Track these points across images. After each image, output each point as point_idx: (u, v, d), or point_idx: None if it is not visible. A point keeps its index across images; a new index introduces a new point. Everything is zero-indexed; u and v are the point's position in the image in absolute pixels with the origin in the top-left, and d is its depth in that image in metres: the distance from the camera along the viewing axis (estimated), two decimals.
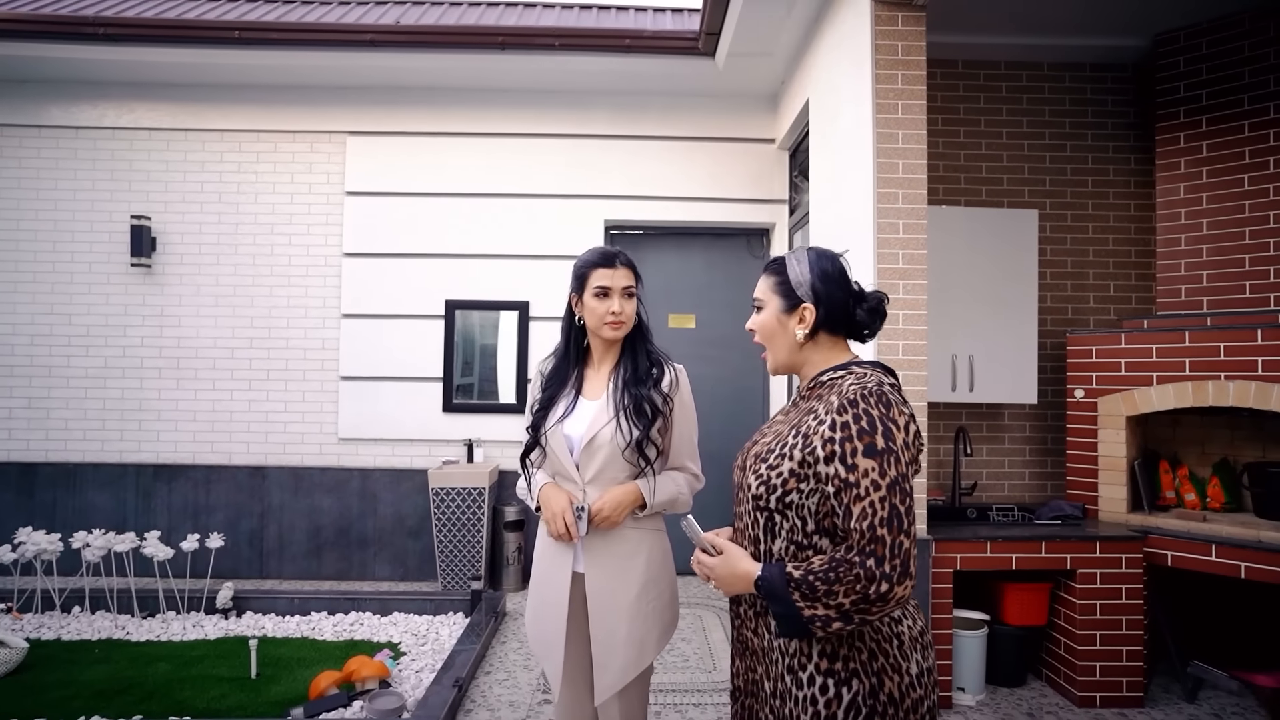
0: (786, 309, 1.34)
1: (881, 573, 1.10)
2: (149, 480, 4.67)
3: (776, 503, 1.24)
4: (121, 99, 4.77)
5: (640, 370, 1.79)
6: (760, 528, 1.27)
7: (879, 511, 1.13)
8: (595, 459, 1.73)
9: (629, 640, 1.73)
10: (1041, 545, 2.92)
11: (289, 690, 3.00)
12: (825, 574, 1.14)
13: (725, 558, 1.29)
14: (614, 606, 1.73)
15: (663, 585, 1.81)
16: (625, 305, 1.78)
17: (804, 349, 1.34)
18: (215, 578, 4.10)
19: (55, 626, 3.71)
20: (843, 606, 1.12)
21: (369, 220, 4.78)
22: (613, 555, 1.75)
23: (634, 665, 1.73)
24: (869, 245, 2.91)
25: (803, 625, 1.15)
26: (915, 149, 2.89)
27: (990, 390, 3.49)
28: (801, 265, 1.33)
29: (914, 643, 1.24)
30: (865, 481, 1.14)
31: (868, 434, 1.16)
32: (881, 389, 1.21)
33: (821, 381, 1.31)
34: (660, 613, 1.79)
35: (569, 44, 4.32)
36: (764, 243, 5.00)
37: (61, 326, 4.74)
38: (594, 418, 1.75)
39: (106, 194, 4.77)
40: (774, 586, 1.18)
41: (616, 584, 1.74)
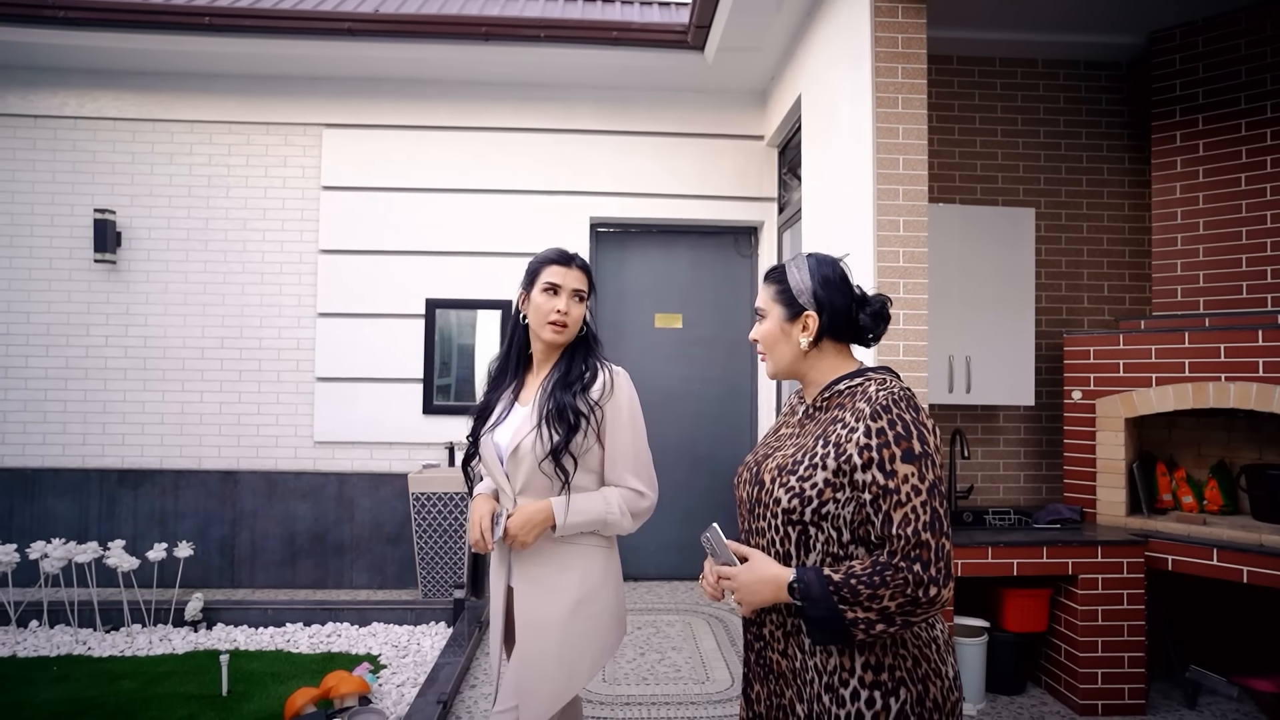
0: (789, 317, 1.32)
1: (929, 576, 1.11)
2: (113, 486, 4.46)
3: (812, 515, 1.20)
4: (84, 87, 4.56)
5: (571, 375, 1.68)
6: (792, 542, 1.23)
7: (921, 516, 1.13)
8: (521, 469, 1.63)
9: (558, 664, 1.60)
10: (1043, 550, 2.87)
11: (263, 708, 2.85)
12: (869, 578, 1.12)
13: (751, 565, 1.24)
14: (541, 626, 1.61)
15: (600, 603, 1.67)
16: (573, 308, 1.68)
17: (808, 357, 1.32)
18: (184, 588, 3.92)
19: (10, 642, 3.51)
20: (887, 610, 1.12)
21: (346, 216, 4.61)
22: (542, 569, 1.63)
23: (561, 694, 1.60)
24: (868, 243, 2.83)
25: (843, 629, 1.13)
26: (916, 144, 2.82)
27: (987, 392, 3.43)
28: (802, 272, 1.32)
29: (947, 645, 1.25)
30: (906, 487, 1.14)
31: (904, 439, 1.16)
32: (908, 394, 1.21)
33: (839, 390, 1.28)
34: (596, 634, 1.65)
35: (554, 35, 4.19)
36: (752, 241, 4.92)
37: (19, 325, 4.50)
38: (520, 425, 1.65)
39: (68, 186, 4.54)
40: (811, 589, 1.15)
41: (544, 601, 1.62)
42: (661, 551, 4.74)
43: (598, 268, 4.79)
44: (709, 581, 1.29)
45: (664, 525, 4.73)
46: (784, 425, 1.40)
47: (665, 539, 4.74)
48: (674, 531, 4.71)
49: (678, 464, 4.75)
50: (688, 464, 4.78)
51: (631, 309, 4.84)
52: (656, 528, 4.78)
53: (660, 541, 4.75)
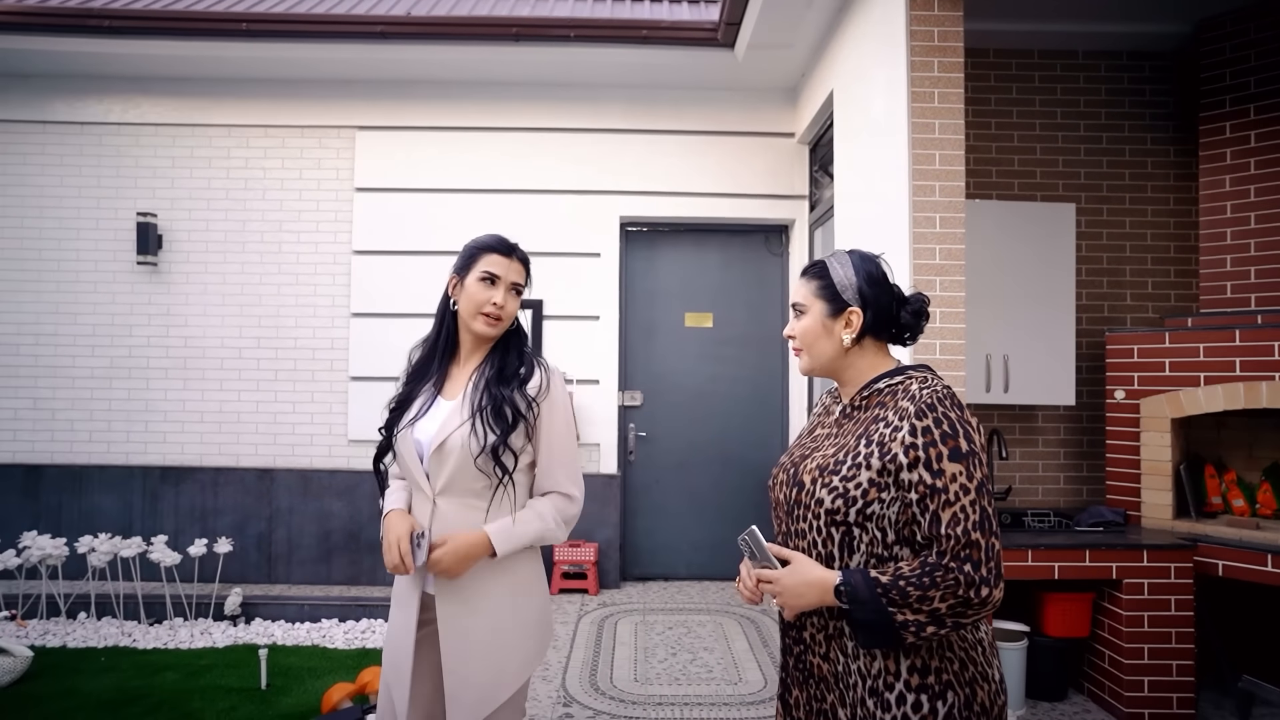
0: (832, 313, 1.29)
1: (980, 577, 1.10)
2: (155, 483, 4.58)
3: (857, 515, 1.17)
4: (127, 93, 4.68)
5: (507, 369, 1.60)
6: (835, 544, 1.20)
7: (971, 515, 1.11)
8: (445, 466, 1.53)
9: (485, 669, 1.54)
10: (1085, 554, 2.79)
11: (300, 702, 2.90)
12: (918, 579, 1.11)
13: (794, 567, 1.22)
14: (467, 632, 1.54)
15: (529, 607, 1.61)
16: (509, 302, 1.61)
17: (848, 354, 1.30)
18: (223, 582, 4.00)
19: (60, 633, 3.62)
20: (938, 612, 1.10)
21: (379, 217, 4.67)
22: (468, 579, 1.54)
23: (490, 699, 1.54)
24: (904, 241, 2.78)
25: (892, 632, 1.11)
26: (953, 139, 2.77)
27: (1026, 391, 3.36)
28: (845, 268, 1.30)
29: (992, 647, 1.24)
30: (954, 486, 1.12)
31: (951, 438, 1.14)
32: (951, 392, 1.20)
33: (878, 389, 1.26)
34: (524, 639, 1.59)
35: (584, 35, 4.20)
36: (783, 240, 4.88)
37: (67, 326, 4.64)
38: (446, 419, 1.55)
39: (112, 191, 4.67)
40: (859, 591, 1.13)
41: (471, 607, 1.55)
42: (692, 551, 4.73)
43: (627, 267, 4.79)
44: (747, 584, 1.27)
45: (694, 525, 4.73)
46: (819, 425, 1.37)
47: (695, 539, 4.72)
48: (704, 531, 4.69)
49: (708, 464, 4.73)
50: (718, 464, 4.75)
51: (662, 308, 4.83)
52: (687, 527, 4.79)
53: (690, 541, 4.74)
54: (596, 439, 4.62)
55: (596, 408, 4.63)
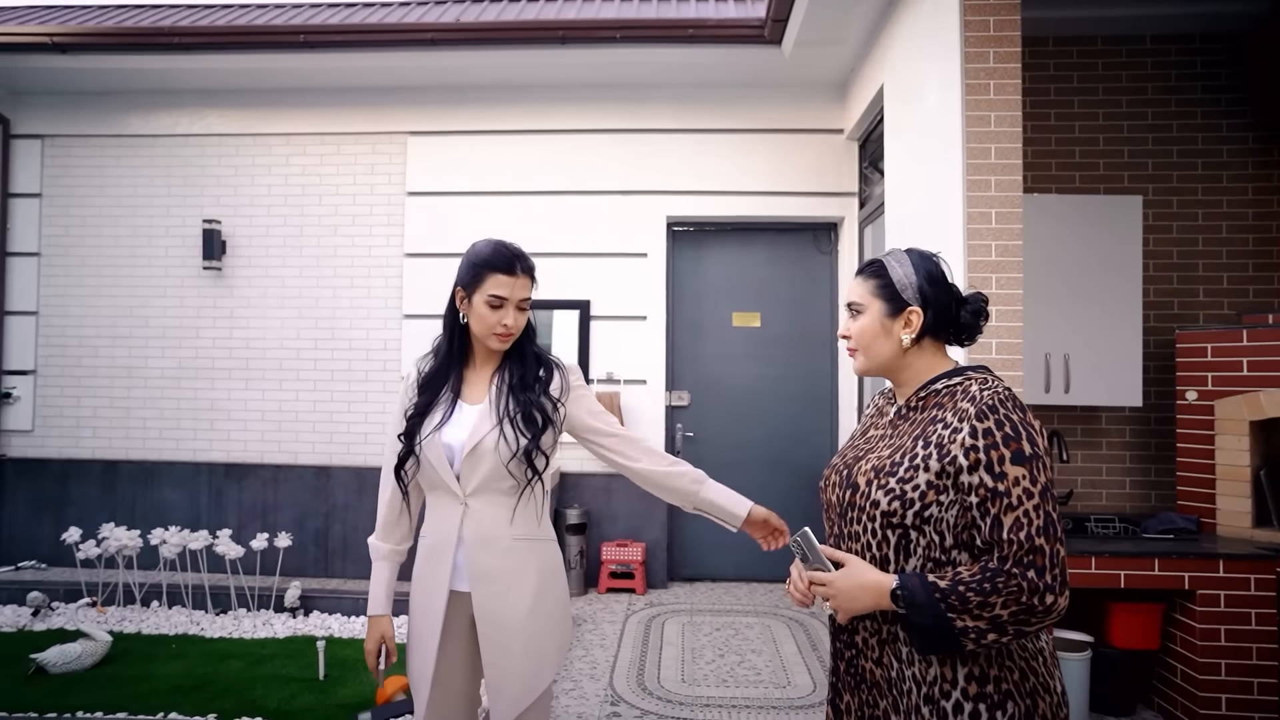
0: (891, 313, 1.27)
1: (1045, 584, 1.07)
2: (220, 479, 4.77)
3: (914, 518, 1.15)
4: (194, 106, 4.89)
5: (529, 375, 1.63)
6: (891, 546, 1.18)
7: (1034, 520, 1.08)
8: (479, 469, 1.56)
9: (525, 661, 1.58)
10: (1154, 562, 2.66)
11: (356, 693, 2.99)
12: (979, 585, 1.08)
13: (849, 570, 1.19)
14: (506, 624, 1.58)
15: (555, 598, 1.65)
16: (519, 319, 1.61)
17: (906, 354, 1.28)
18: (283, 576, 4.15)
19: (136, 620, 3.81)
20: (999, 619, 1.07)
21: (429, 220, 4.77)
22: (500, 570, 1.58)
23: (531, 689, 1.59)
24: (958, 237, 2.70)
25: (951, 638, 1.09)
26: (1009, 132, 2.67)
27: (1088, 392, 3.23)
28: (905, 267, 1.28)
29: (1053, 658, 1.20)
30: (1017, 490, 1.09)
31: (1013, 440, 1.11)
32: (1012, 394, 1.17)
33: (936, 390, 1.24)
34: (557, 625, 1.65)
35: (630, 35, 4.21)
36: (832, 238, 4.80)
37: (140, 328, 4.88)
38: (476, 424, 1.58)
39: (180, 199, 4.89)
40: (916, 595, 1.11)
41: (506, 601, 1.58)
42: (739, 552, 4.69)
43: (674, 266, 4.78)
44: (798, 586, 1.25)
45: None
46: (872, 426, 1.35)
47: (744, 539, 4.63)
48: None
49: (756, 464, 4.69)
50: (766, 464, 4.70)
51: (709, 308, 4.81)
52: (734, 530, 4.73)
53: (738, 542, 4.66)
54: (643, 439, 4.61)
55: (643, 408, 4.63)
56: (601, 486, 4.61)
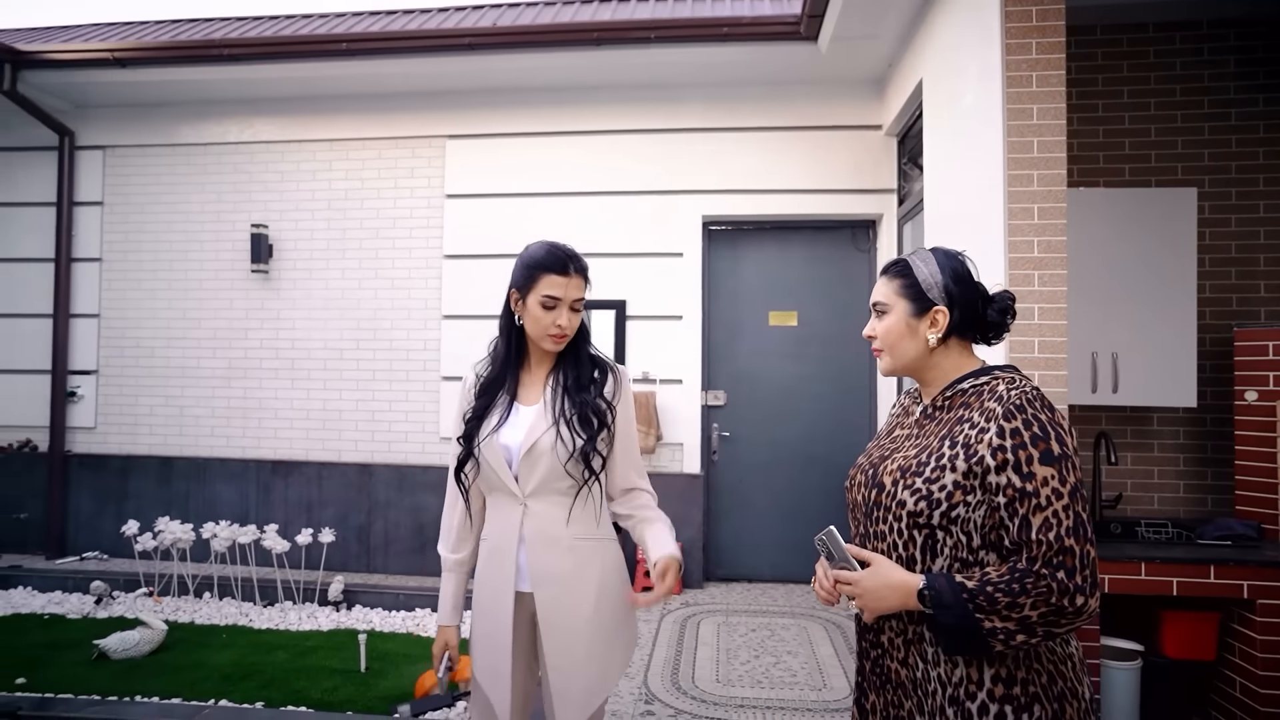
0: (916, 313, 1.27)
1: (1075, 585, 1.06)
2: (268, 475, 4.93)
3: (941, 518, 1.14)
4: (242, 115, 5.06)
5: (583, 376, 1.64)
6: (918, 546, 1.17)
7: (1064, 521, 1.07)
8: (536, 469, 1.58)
9: (589, 662, 1.57)
10: (1210, 569, 2.56)
11: (395, 686, 3.05)
12: (1008, 586, 1.07)
13: (875, 569, 1.19)
14: (568, 626, 1.57)
15: (619, 597, 1.65)
16: (573, 320, 1.61)
17: (934, 354, 1.27)
18: (327, 570, 4.26)
19: (189, 610, 3.96)
20: (1028, 620, 1.07)
21: (467, 222, 4.85)
22: (562, 570, 1.58)
23: (599, 690, 1.59)
24: (998, 234, 2.64)
25: (980, 639, 1.08)
26: (1052, 124, 2.59)
27: (1137, 391, 3.11)
28: (930, 266, 1.27)
29: (1082, 664, 1.18)
30: (1046, 490, 1.09)
31: (1042, 440, 1.10)
32: (1040, 393, 1.16)
33: (963, 389, 1.23)
34: (619, 629, 1.64)
35: (664, 35, 4.22)
36: (870, 235, 4.72)
37: (192, 330, 5.07)
38: (532, 425, 1.59)
39: (230, 205, 5.06)
40: (944, 596, 1.10)
41: (569, 601, 1.58)
42: (776, 553, 4.65)
43: (710, 266, 4.77)
44: (824, 585, 1.25)
45: (779, 526, 4.65)
46: (898, 426, 1.35)
47: (780, 540, 4.65)
48: (789, 532, 4.61)
49: (792, 464, 4.65)
50: (802, 464, 4.66)
51: (745, 307, 4.78)
52: (771, 528, 4.72)
53: (775, 542, 4.67)
54: (679, 439, 4.63)
55: (679, 407, 4.63)
56: None
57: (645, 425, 4.52)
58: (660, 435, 4.58)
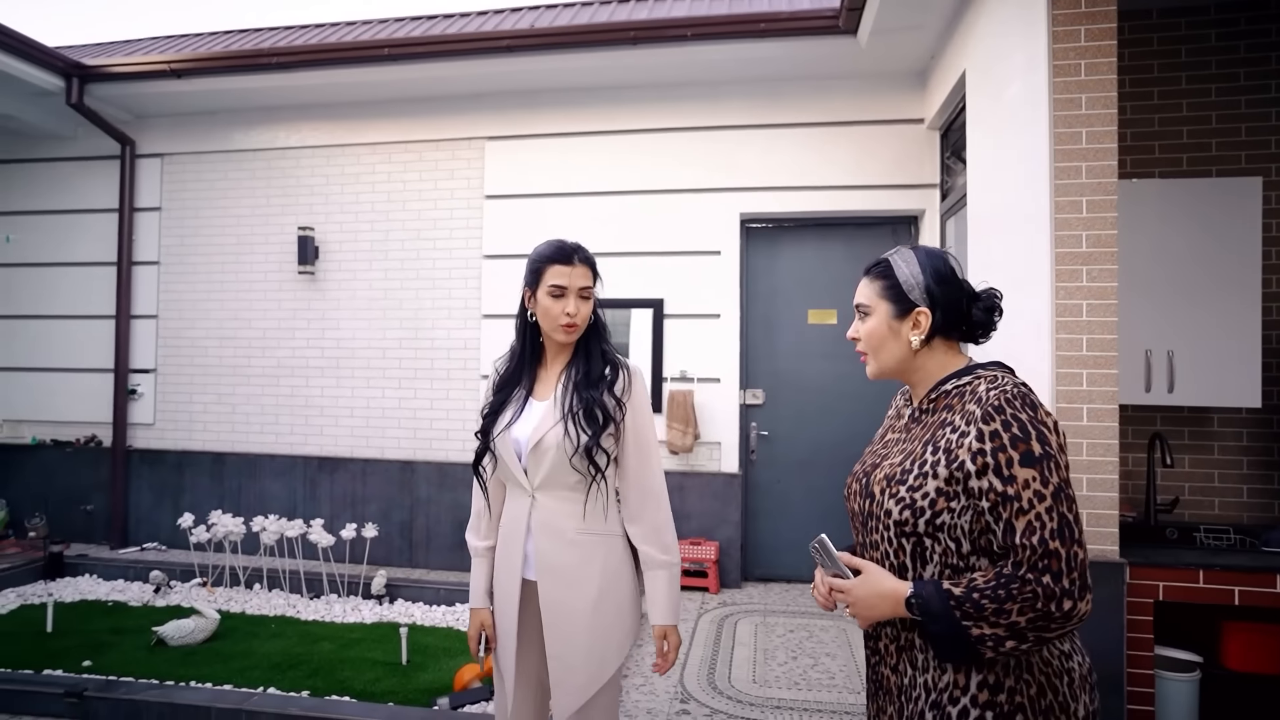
0: (898, 314, 1.25)
1: (1061, 589, 1.03)
2: (314, 471, 5.07)
3: (926, 526, 1.13)
4: (290, 121, 5.21)
5: (593, 372, 1.67)
6: (907, 554, 1.16)
7: (1048, 523, 1.05)
8: (543, 463, 1.63)
9: (588, 653, 1.62)
10: (1276, 578, 2.43)
11: (436, 679, 3.11)
12: (994, 592, 1.05)
13: (865, 577, 1.19)
14: (569, 616, 1.62)
15: (622, 591, 1.68)
16: (581, 307, 1.65)
17: (918, 356, 1.25)
18: (370, 564, 4.36)
19: (240, 601, 4.09)
20: (1016, 625, 1.04)
21: (506, 222, 4.91)
22: (566, 562, 1.64)
23: (594, 680, 1.62)
24: (1044, 228, 2.55)
25: (968, 646, 1.07)
26: (1103, 114, 2.50)
27: (1196, 391, 2.98)
28: (911, 266, 1.25)
29: (1083, 681, 1.14)
30: (1027, 493, 1.06)
31: (1021, 441, 1.08)
32: (1022, 390, 1.13)
33: (946, 391, 1.21)
34: (619, 621, 1.67)
35: (702, 33, 4.20)
36: (912, 231, 4.63)
37: (243, 330, 5.24)
38: (541, 420, 1.64)
39: (278, 208, 5.22)
40: (931, 604, 1.09)
41: (571, 592, 1.63)
42: None
43: (748, 263, 4.74)
44: (821, 591, 1.27)
45: (817, 525, 4.58)
46: (890, 430, 1.33)
47: None
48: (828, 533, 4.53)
49: (832, 464, 4.58)
50: (843, 464, 4.58)
51: (784, 305, 4.73)
52: (809, 528, 4.65)
53: None
54: (717, 437, 4.60)
55: (717, 406, 4.61)
56: (675, 485, 4.62)
57: (683, 424, 4.51)
58: (698, 434, 4.56)
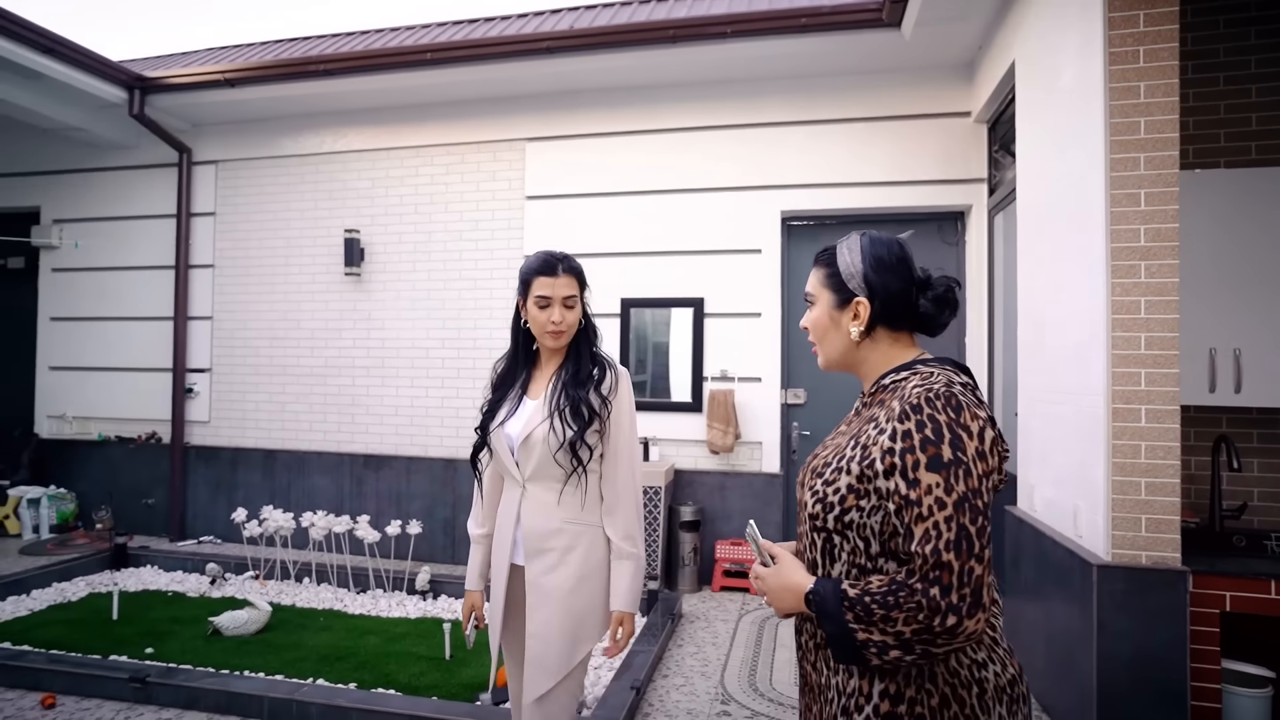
0: (839, 304, 1.22)
1: (948, 603, 0.97)
2: (360, 468, 5.18)
3: (835, 522, 1.10)
4: (336, 126, 5.34)
5: (581, 373, 1.79)
6: (818, 550, 1.14)
7: (944, 533, 0.99)
8: (531, 457, 1.75)
9: (562, 635, 1.72)
10: None
11: (477, 674, 3.15)
12: (883, 598, 1.01)
13: (778, 568, 1.17)
14: (549, 600, 1.73)
15: (599, 580, 1.78)
16: (566, 315, 1.78)
17: (860, 347, 1.21)
18: (415, 560, 4.44)
19: (290, 594, 4.21)
20: (902, 635, 1.00)
21: (547, 222, 4.94)
22: (549, 548, 1.75)
23: (567, 662, 1.72)
24: (1099, 222, 2.46)
25: (856, 650, 1.03)
26: (1163, 103, 2.40)
27: (1265, 392, 2.83)
28: (853, 254, 1.21)
29: (999, 694, 1.07)
30: (929, 499, 1.00)
31: (932, 444, 1.02)
32: (950, 390, 1.07)
33: (884, 385, 1.17)
34: (593, 608, 1.77)
35: (741, 30, 4.16)
36: (958, 227, 4.51)
37: (292, 330, 5.39)
38: (530, 416, 1.77)
39: (325, 211, 5.35)
40: (826, 603, 1.06)
41: (552, 577, 1.74)
42: None
43: (789, 261, 4.68)
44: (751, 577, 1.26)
45: None
46: (844, 422, 1.30)
47: None
48: None
49: None
50: None
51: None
52: None
53: None
54: (758, 437, 4.56)
55: (758, 406, 4.57)
56: (715, 484, 4.60)
57: (723, 424, 4.48)
58: (739, 434, 4.53)
